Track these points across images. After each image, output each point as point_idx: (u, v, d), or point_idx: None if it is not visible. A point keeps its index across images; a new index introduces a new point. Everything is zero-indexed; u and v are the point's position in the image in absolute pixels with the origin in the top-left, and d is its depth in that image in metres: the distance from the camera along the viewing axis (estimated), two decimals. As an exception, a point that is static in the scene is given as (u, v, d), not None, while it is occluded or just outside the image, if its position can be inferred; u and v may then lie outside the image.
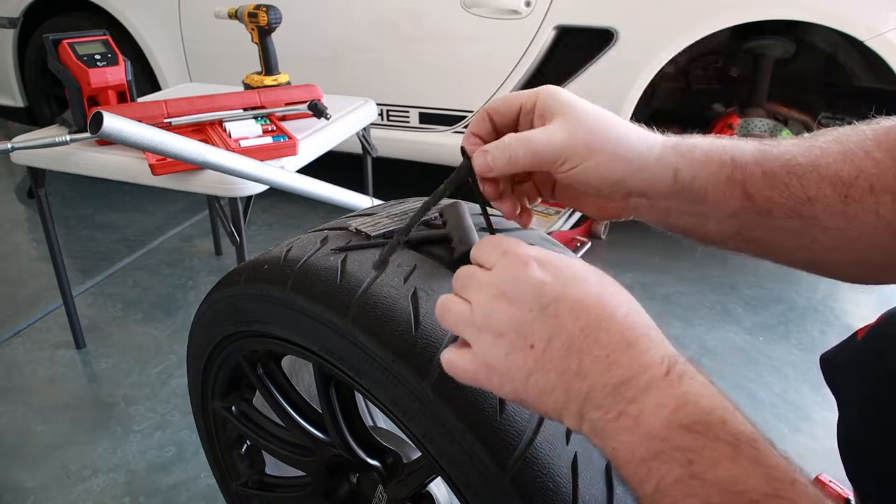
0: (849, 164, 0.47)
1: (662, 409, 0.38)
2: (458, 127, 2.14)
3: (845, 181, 0.47)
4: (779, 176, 0.48)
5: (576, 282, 0.43)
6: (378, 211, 0.72)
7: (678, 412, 0.38)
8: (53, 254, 1.55)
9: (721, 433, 0.36)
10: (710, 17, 1.79)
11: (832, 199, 0.47)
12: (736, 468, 0.35)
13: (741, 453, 0.36)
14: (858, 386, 0.65)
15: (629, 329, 0.41)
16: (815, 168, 0.48)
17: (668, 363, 0.40)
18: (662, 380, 0.39)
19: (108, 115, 1.06)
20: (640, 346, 0.41)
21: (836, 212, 0.47)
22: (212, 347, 0.80)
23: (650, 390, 0.39)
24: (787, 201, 0.48)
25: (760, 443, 0.36)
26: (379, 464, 0.77)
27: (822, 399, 1.51)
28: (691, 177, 0.49)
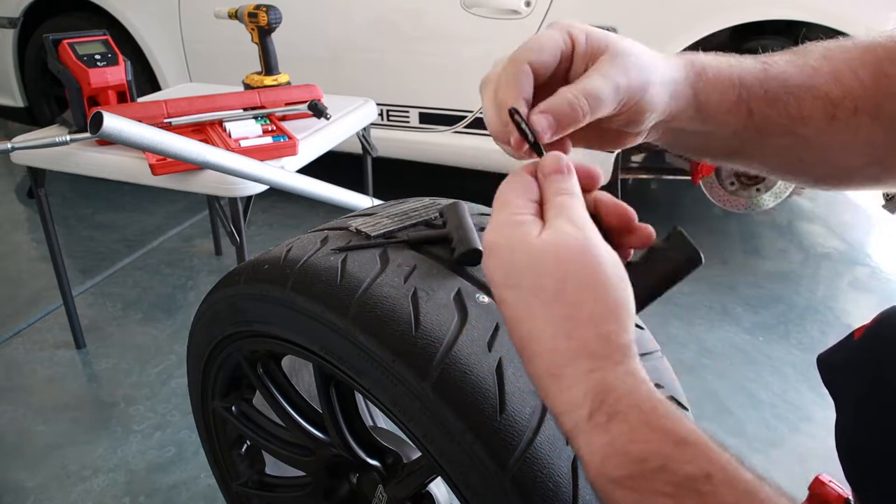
0: (838, 83, 0.49)
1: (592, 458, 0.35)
2: (457, 127, 2.14)
3: (834, 101, 0.49)
4: (778, 95, 0.49)
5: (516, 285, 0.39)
6: (378, 211, 0.72)
7: (605, 465, 0.35)
8: (53, 254, 1.55)
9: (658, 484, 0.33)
10: (710, 17, 1.79)
11: (820, 118, 0.49)
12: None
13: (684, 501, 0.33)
14: (855, 386, 0.65)
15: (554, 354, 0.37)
16: (809, 88, 0.49)
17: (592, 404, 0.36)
18: (587, 423, 0.36)
19: (108, 115, 1.06)
20: (563, 380, 0.37)
21: (821, 130, 0.49)
22: (212, 347, 0.80)
23: (578, 433, 0.36)
24: (783, 120, 0.49)
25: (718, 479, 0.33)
26: (379, 464, 0.77)
27: (822, 399, 1.51)
28: (706, 98, 0.49)
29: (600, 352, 0.37)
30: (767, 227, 2.39)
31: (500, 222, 0.42)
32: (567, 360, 0.37)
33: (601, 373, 0.36)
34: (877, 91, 0.48)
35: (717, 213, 2.46)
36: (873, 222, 2.48)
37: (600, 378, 0.36)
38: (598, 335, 0.37)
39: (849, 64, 0.49)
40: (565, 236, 0.39)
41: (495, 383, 0.54)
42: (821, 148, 0.50)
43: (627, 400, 0.36)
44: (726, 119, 0.50)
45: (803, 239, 2.33)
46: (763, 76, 0.50)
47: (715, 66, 0.50)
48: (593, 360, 0.37)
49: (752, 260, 2.17)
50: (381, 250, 0.64)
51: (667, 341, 1.72)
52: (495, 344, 0.56)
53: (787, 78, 0.49)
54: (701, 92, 0.49)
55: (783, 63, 0.50)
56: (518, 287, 0.39)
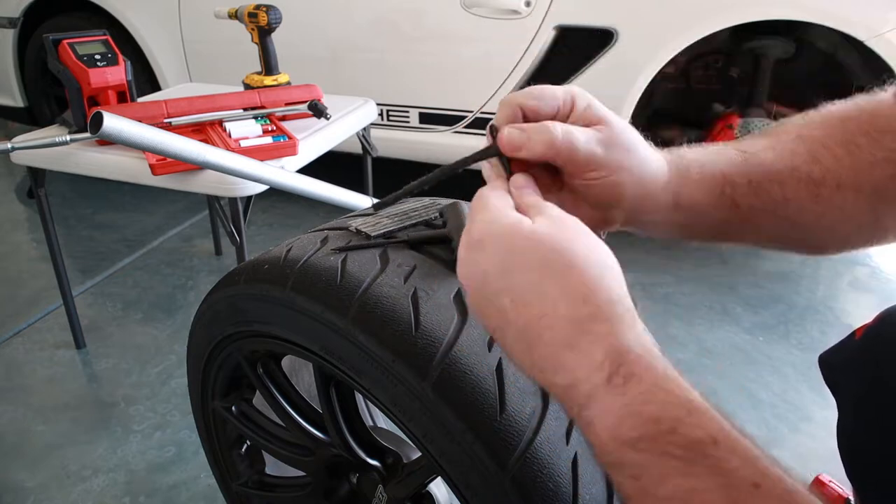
0: (817, 163, 0.51)
1: (606, 422, 0.36)
2: (457, 127, 2.14)
3: (816, 181, 0.51)
4: (762, 184, 0.51)
5: (515, 270, 0.41)
6: (378, 211, 0.72)
7: (620, 426, 0.36)
8: (53, 254, 1.55)
9: (669, 446, 0.34)
10: (710, 17, 1.79)
11: (805, 199, 0.51)
12: (688, 482, 0.33)
13: (695, 465, 0.34)
14: (856, 386, 0.65)
15: (570, 324, 0.39)
16: (791, 170, 0.51)
17: (610, 367, 0.37)
18: (604, 388, 0.37)
19: (108, 115, 1.06)
20: (581, 347, 0.38)
21: (807, 209, 0.51)
22: (212, 347, 0.80)
23: (594, 399, 0.37)
24: (767, 206, 0.51)
25: (724, 445, 0.34)
26: (379, 464, 0.77)
27: (822, 399, 1.51)
28: (690, 199, 0.52)
29: (615, 315, 0.39)
30: (767, 227, 2.39)
31: (489, 219, 0.44)
32: (584, 326, 0.38)
33: (616, 336, 0.38)
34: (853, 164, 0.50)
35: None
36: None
37: (617, 340, 0.38)
38: (610, 299, 0.39)
39: (822, 142, 0.51)
40: (559, 220, 0.43)
41: (495, 383, 0.54)
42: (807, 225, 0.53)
43: (642, 362, 0.37)
44: (710, 212, 0.52)
45: (803, 239, 2.32)
46: (745, 167, 0.52)
47: (699, 164, 0.52)
48: (609, 323, 0.38)
49: (752, 260, 2.17)
50: (381, 250, 0.64)
51: (667, 341, 1.72)
52: (495, 344, 0.56)
53: (769, 165, 0.52)
54: (682, 192, 0.51)
55: (762, 150, 0.53)
56: (521, 271, 0.40)
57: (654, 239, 0.53)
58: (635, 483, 0.35)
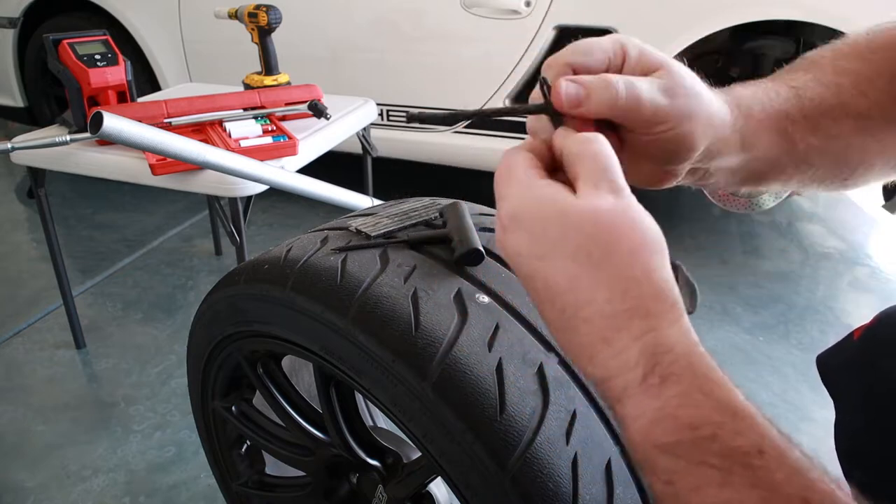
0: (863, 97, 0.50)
1: (639, 422, 0.34)
2: (458, 127, 2.14)
3: (863, 115, 0.50)
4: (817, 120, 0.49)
5: (550, 255, 0.37)
6: (378, 211, 0.72)
7: (654, 428, 0.33)
8: (53, 254, 1.55)
9: (707, 455, 0.32)
10: (710, 17, 1.79)
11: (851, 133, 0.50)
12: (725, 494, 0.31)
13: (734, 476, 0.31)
14: (855, 386, 0.65)
15: (607, 318, 0.36)
16: (842, 106, 0.49)
17: (645, 367, 0.35)
18: (639, 386, 0.35)
19: (108, 115, 1.06)
20: (617, 343, 0.36)
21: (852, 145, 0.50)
22: (212, 347, 0.80)
23: (627, 397, 0.35)
24: (822, 142, 0.50)
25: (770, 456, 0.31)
26: (379, 464, 0.77)
27: (822, 399, 1.50)
28: (753, 139, 0.48)
29: (655, 310, 0.36)
30: (767, 227, 2.39)
31: (521, 193, 0.39)
32: (621, 322, 0.36)
33: (656, 333, 0.35)
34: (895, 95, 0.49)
35: (717, 213, 2.47)
36: (873, 222, 2.48)
37: (655, 338, 0.35)
38: (652, 293, 0.36)
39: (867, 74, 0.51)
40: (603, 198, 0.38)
41: (495, 383, 0.54)
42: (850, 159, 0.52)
43: (682, 362, 0.35)
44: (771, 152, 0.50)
45: (803, 239, 2.33)
46: (799, 102, 0.50)
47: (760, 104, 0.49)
48: (649, 319, 0.36)
49: (752, 260, 2.17)
50: (381, 250, 0.64)
51: (667, 341, 1.72)
52: (495, 344, 0.56)
53: (821, 101, 0.50)
54: (747, 133, 0.48)
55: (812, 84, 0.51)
56: (555, 256, 0.37)
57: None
58: (668, 488, 0.33)
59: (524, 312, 0.60)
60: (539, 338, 0.59)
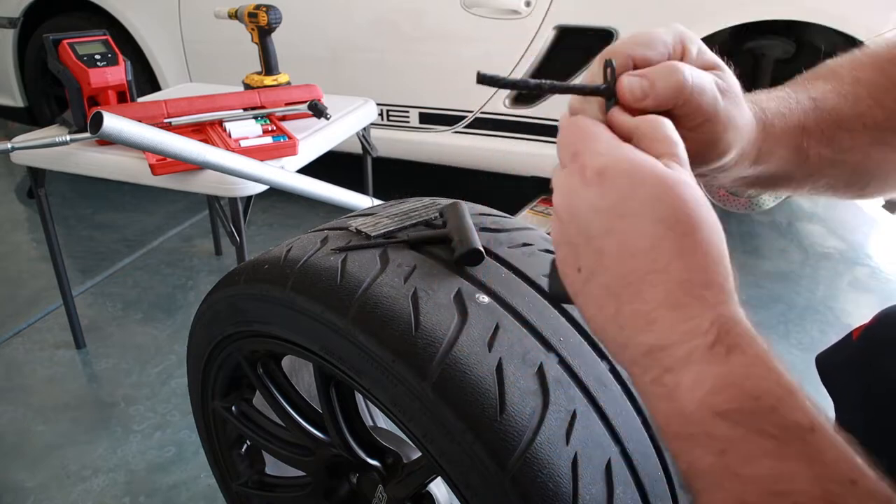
0: (880, 108, 0.50)
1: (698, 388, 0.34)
2: (457, 127, 2.14)
3: (880, 126, 0.50)
4: (833, 133, 0.50)
5: (635, 214, 0.37)
6: (378, 211, 0.72)
7: (716, 395, 0.33)
8: (53, 254, 1.55)
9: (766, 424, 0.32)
10: (710, 17, 1.79)
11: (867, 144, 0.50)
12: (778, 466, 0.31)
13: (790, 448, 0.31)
14: (854, 386, 0.65)
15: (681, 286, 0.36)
16: (858, 117, 0.50)
17: (717, 332, 0.35)
18: (705, 353, 0.34)
19: (108, 115, 1.06)
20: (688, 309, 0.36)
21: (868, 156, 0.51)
22: (212, 347, 0.80)
23: (689, 363, 0.35)
24: (836, 154, 0.50)
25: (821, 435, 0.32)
26: (379, 464, 0.77)
27: (822, 399, 1.50)
28: (770, 154, 0.49)
29: (727, 287, 0.37)
30: (767, 227, 2.39)
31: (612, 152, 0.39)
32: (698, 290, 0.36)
33: (727, 306, 0.36)
34: None
35: (717, 213, 2.46)
36: (873, 222, 2.48)
37: (727, 310, 0.36)
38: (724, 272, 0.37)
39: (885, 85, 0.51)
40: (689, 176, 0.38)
41: (495, 383, 0.54)
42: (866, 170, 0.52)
43: (748, 335, 0.35)
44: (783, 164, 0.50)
45: (803, 239, 2.32)
46: (818, 115, 0.50)
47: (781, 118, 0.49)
48: (723, 293, 0.37)
49: (752, 260, 2.17)
50: (381, 250, 0.64)
51: (667, 341, 1.72)
52: (495, 344, 0.56)
53: (838, 112, 0.50)
54: (765, 148, 0.48)
55: (830, 95, 0.51)
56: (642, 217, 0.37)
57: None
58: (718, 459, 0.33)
59: (524, 312, 0.60)
60: (539, 338, 0.59)
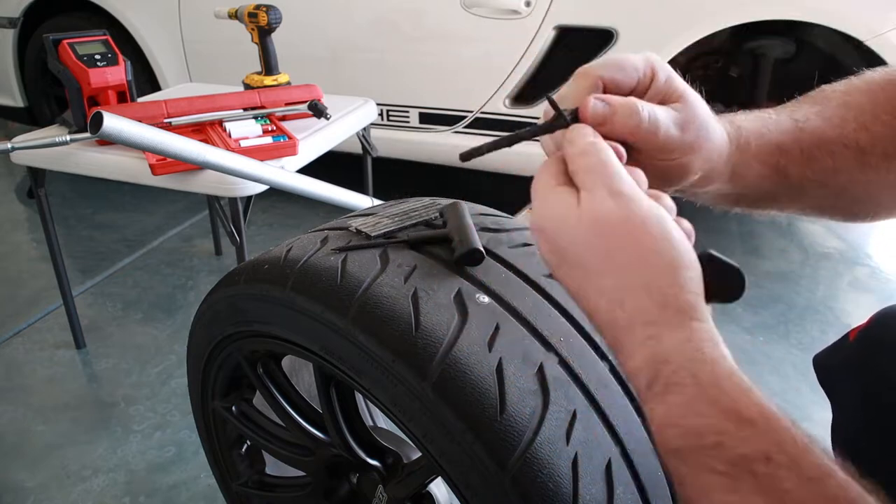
0: (866, 131, 0.50)
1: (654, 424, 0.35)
2: (457, 127, 2.14)
3: (864, 149, 0.50)
4: (814, 154, 0.50)
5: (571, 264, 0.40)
6: (378, 211, 0.72)
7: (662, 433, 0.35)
8: (53, 254, 1.54)
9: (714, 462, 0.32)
10: (710, 17, 1.79)
11: (853, 168, 0.50)
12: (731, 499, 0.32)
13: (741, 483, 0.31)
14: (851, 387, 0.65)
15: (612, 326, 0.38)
16: (840, 139, 0.50)
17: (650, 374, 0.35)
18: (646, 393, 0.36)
19: (108, 115, 1.06)
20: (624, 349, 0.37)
21: (855, 179, 0.51)
22: (212, 347, 0.80)
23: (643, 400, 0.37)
24: (818, 175, 0.51)
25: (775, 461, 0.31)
26: (379, 464, 0.77)
27: (822, 399, 1.50)
28: (745, 171, 0.50)
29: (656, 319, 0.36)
30: (767, 227, 2.39)
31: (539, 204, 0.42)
32: (623, 331, 0.37)
33: (657, 341, 0.36)
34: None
35: (717, 213, 2.46)
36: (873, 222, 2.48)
37: (655, 347, 0.36)
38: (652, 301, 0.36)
39: (870, 110, 0.51)
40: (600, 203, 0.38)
41: (495, 383, 0.54)
42: (853, 194, 0.52)
43: (685, 371, 0.35)
44: (762, 183, 0.51)
45: (803, 239, 2.32)
46: (798, 135, 0.51)
47: (757, 137, 0.50)
48: (648, 327, 0.36)
49: (752, 260, 2.17)
50: (381, 250, 0.64)
51: (667, 341, 1.72)
52: (495, 344, 0.56)
53: (820, 134, 0.50)
54: (738, 164, 0.50)
55: (814, 117, 0.51)
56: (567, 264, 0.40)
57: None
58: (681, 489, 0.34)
59: (524, 312, 0.60)
60: (539, 338, 0.59)
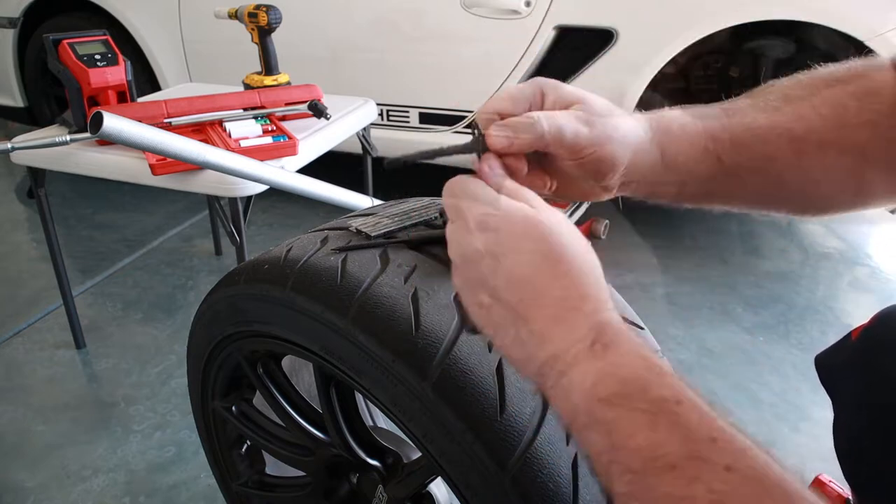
0: (800, 120, 0.52)
1: (584, 384, 0.40)
2: (457, 127, 2.14)
3: (798, 137, 0.52)
4: (744, 140, 0.52)
5: (513, 252, 0.44)
6: (378, 211, 0.72)
7: (597, 386, 0.39)
8: (53, 254, 1.55)
9: (640, 403, 0.38)
10: (710, 17, 1.79)
11: (788, 155, 0.52)
12: (654, 435, 0.36)
13: (660, 419, 0.37)
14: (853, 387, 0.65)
15: (561, 303, 0.43)
16: (772, 127, 0.52)
17: (594, 336, 0.41)
18: (587, 353, 0.41)
19: (108, 115, 1.06)
20: (569, 321, 0.42)
21: (792, 166, 0.53)
22: (212, 347, 0.80)
23: (576, 364, 0.41)
24: (752, 163, 0.53)
25: (686, 406, 0.37)
26: (379, 464, 0.77)
27: (822, 399, 1.50)
28: (674, 153, 0.53)
29: (601, 297, 0.43)
30: (767, 227, 2.39)
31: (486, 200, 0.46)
32: (575, 304, 0.42)
33: (602, 313, 0.42)
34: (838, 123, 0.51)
35: (717, 213, 2.46)
36: (873, 222, 2.48)
37: (601, 317, 0.42)
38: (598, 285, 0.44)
39: (809, 101, 0.53)
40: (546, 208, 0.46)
41: (495, 383, 0.54)
42: (794, 183, 0.54)
43: (622, 334, 0.42)
44: (696, 168, 0.53)
45: (803, 239, 2.33)
46: (727, 122, 0.53)
47: (679, 122, 0.53)
48: (596, 302, 0.43)
49: (752, 260, 2.17)
50: (382, 250, 0.64)
51: (667, 341, 1.72)
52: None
53: (749, 121, 0.53)
54: (667, 148, 0.53)
55: (745, 107, 0.54)
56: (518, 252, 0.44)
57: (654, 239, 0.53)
58: (607, 439, 0.38)
59: (524, 312, 0.60)
60: (539, 338, 0.59)
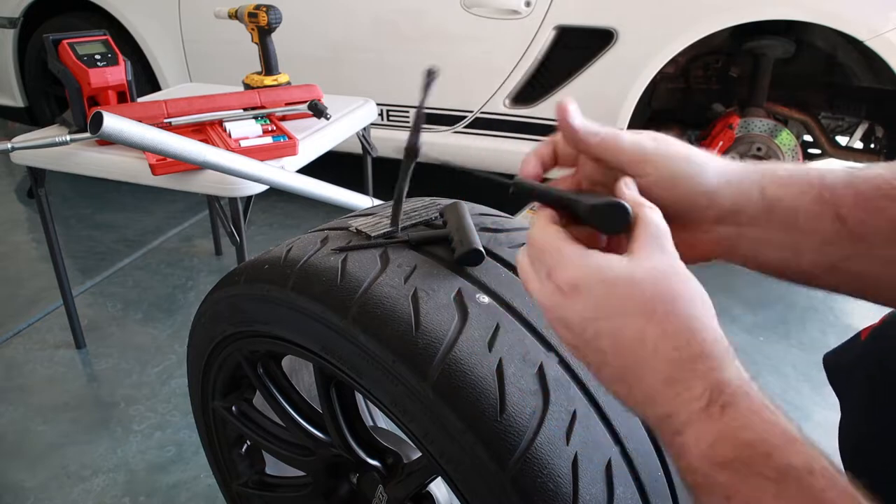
0: None
1: (700, 445, 0.38)
2: (457, 127, 2.14)
3: None
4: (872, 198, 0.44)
5: (616, 314, 0.41)
6: (378, 211, 0.72)
7: (715, 448, 0.37)
8: (53, 254, 1.54)
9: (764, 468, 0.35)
10: (710, 17, 1.79)
11: None
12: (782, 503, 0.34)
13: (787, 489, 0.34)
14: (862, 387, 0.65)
15: (672, 365, 0.40)
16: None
17: (710, 396, 0.38)
18: (701, 414, 0.38)
19: (108, 115, 1.06)
20: (682, 382, 0.39)
21: None
22: (212, 347, 0.80)
23: (690, 425, 0.39)
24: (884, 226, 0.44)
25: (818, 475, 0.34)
26: (379, 464, 0.77)
27: (822, 399, 1.51)
28: (778, 196, 0.46)
29: (717, 353, 0.40)
30: (767, 227, 2.39)
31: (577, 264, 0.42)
32: (688, 366, 0.39)
33: (718, 371, 0.39)
34: None
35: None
36: None
37: (718, 375, 0.39)
38: (714, 339, 0.40)
39: None
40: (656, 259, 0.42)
41: (495, 383, 0.54)
42: None
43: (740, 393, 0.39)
44: (811, 223, 0.45)
45: (803, 239, 2.32)
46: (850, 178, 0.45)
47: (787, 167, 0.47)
48: (712, 360, 0.40)
49: (752, 260, 2.16)
50: (382, 250, 0.64)
51: (667, 341, 1.72)
52: (496, 344, 0.56)
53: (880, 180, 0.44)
54: (770, 188, 0.46)
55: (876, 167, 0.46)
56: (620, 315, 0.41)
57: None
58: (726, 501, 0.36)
59: (524, 312, 0.60)
60: (539, 338, 0.59)
